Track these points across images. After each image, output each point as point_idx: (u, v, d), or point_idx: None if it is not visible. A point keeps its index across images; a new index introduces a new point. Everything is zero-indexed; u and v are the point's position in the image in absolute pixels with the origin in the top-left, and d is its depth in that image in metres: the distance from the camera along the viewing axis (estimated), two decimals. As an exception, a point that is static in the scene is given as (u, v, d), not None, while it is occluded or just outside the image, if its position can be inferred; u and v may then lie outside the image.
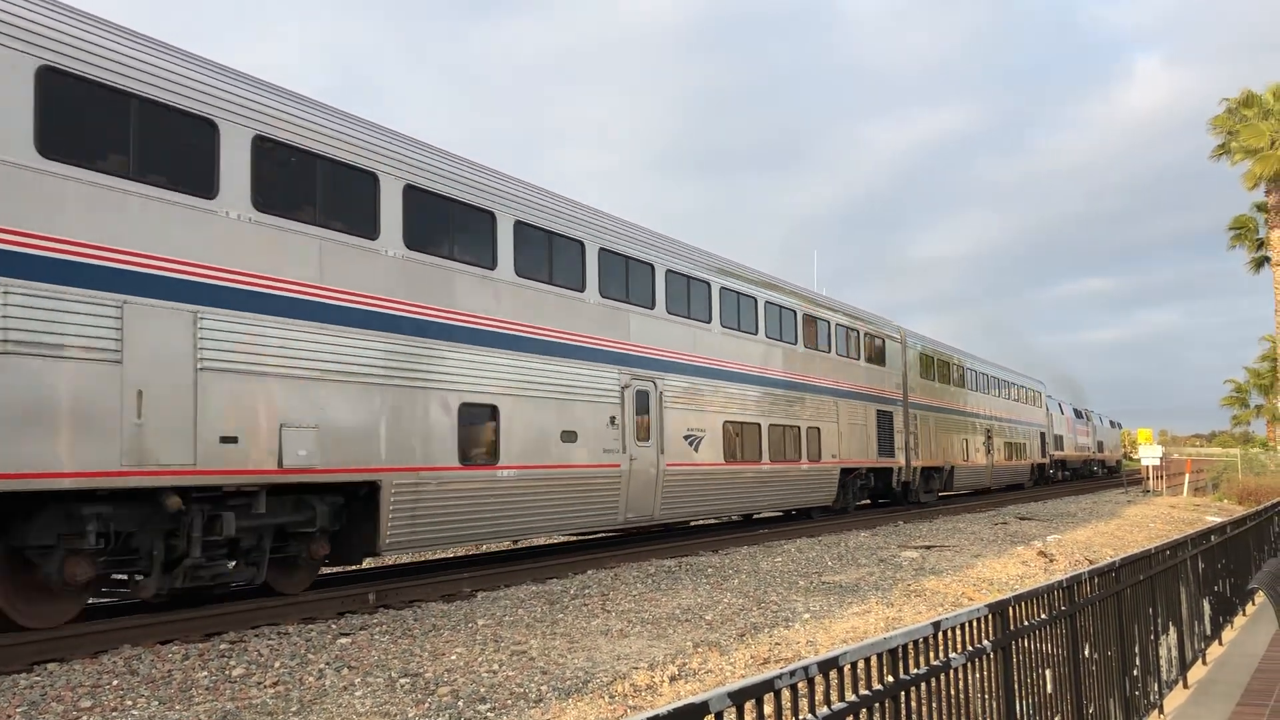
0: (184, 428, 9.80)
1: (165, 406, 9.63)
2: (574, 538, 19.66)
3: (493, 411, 13.84)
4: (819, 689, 3.15)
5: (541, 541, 19.42)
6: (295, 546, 11.48)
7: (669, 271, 18.26)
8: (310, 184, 11.50)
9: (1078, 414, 61.78)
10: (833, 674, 3.23)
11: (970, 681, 4.24)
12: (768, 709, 2.91)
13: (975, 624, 4.36)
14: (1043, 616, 5.19)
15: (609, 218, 17.19)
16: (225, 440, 10.17)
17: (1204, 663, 9.13)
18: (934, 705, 3.87)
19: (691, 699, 2.54)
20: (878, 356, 28.18)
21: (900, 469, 28.96)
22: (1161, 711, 7.33)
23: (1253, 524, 12.94)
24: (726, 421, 19.77)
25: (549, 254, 15.27)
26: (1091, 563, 16.70)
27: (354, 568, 15.05)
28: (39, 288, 8.77)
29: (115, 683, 7.86)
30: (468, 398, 13.38)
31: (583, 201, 16.61)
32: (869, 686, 3.43)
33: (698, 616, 10.87)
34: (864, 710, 3.36)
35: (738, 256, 21.42)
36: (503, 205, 14.26)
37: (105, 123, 9.62)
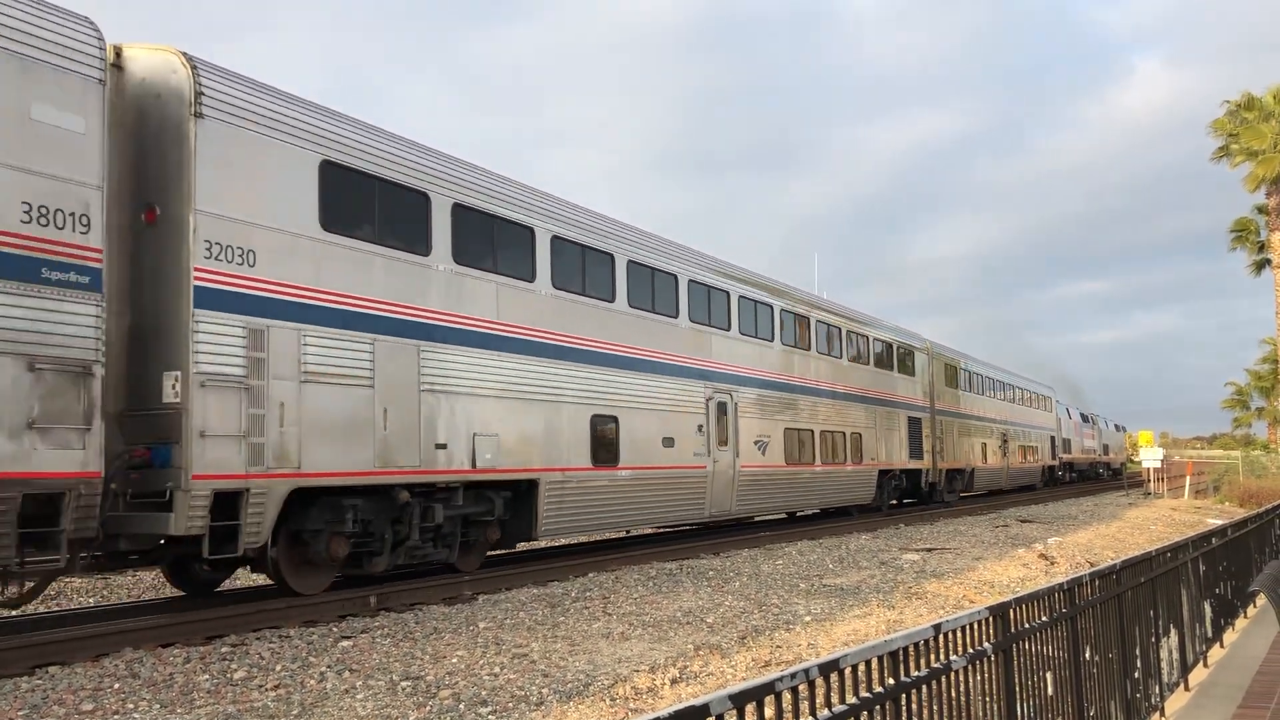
0: (412, 437, 12.60)
1: (400, 420, 12.42)
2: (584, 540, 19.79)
3: (615, 421, 16.64)
4: (820, 691, 3.16)
5: (547, 544, 19.44)
6: (475, 532, 14.20)
7: (741, 297, 21.19)
8: (490, 240, 14.37)
9: (1084, 418, 63.27)
10: (833, 676, 3.23)
11: (971, 684, 4.25)
12: (769, 711, 2.91)
13: (976, 626, 4.37)
14: (1043, 619, 5.19)
15: (694, 252, 20.18)
16: (439, 446, 13.02)
17: (1205, 665, 9.13)
18: (935, 708, 3.88)
19: (692, 701, 2.54)
20: (908, 368, 30.72)
21: (928, 471, 31.20)
22: (1163, 714, 7.34)
23: (1254, 526, 12.94)
24: (787, 428, 22.43)
25: (652, 287, 18.18)
26: (1092, 565, 16.70)
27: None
28: (325, 331, 11.61)
29: (117, 685, 7.86)
30: (597, 410, 16.17)
31: (671, 239, 19.60)
32: (870, 689, 3.44)
33: (699, 619, 10.88)
34: (865, 712, 3.37)
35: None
36: (619, 248, 17.23)
37: (360, 201, 12.48)
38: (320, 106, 12.26)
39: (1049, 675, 5.20)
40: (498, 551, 15.87)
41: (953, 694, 4.02)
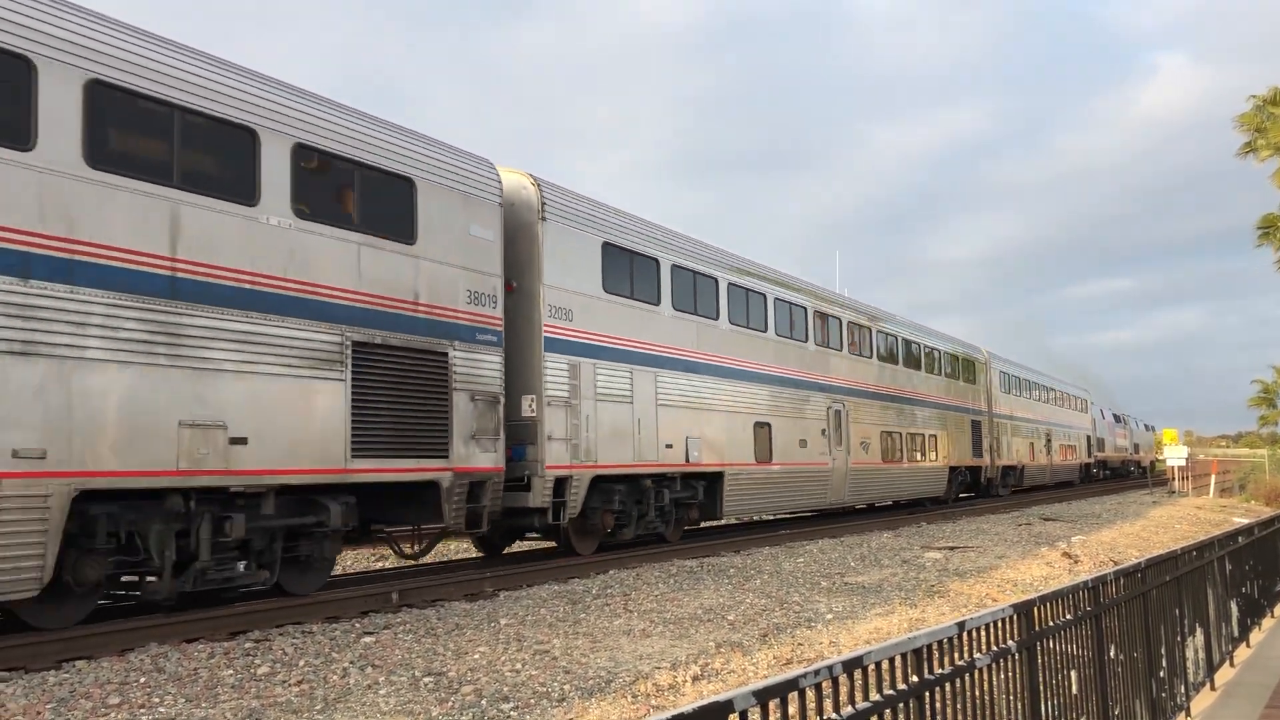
0: (651, 439, 17.17)
1: (646, 427, 17.08)
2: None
3: (769, 427, 21.20)
4: (843, 689, 3.15)
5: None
6: (680, 512, 18.44)
7: (849, 322, 25.99)
8: (692, 290, 19.05)
9: (1116, 419, 66.42)
10: (857, 674, 3.22)
11: (995, 682, 4.23)
12: (792, 708, 2.91)
13: (1000, 624, 4.35)
14: (1068, 617, 5.16)
15: (819, 287, 25.19)
16: (667, 446, 17.56)
17: (1231, 665, 9.06)
18: (958, 706, 3.86)
19: (716, 697, 2.54)
20: (970, 377, 35.28)
21: (986, 468, 35.68)
22: (1188, 714, 7.28)
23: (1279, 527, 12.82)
24: (882, 431, 27.05)
25: (790, 318, 22.90)
26: (1116, 564, 16.57)
27: (377, 567, 15.37)
28: (607, 364, 16.29)
29: (142, 680, 7.93)
30: (758, 418, 20.85)
31: (762, 262, 23.21)
32: (893, 686, 3.42)
33: (720, 617, 10.87)
34: (888, 710, 3.35)
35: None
36: (770, 289, 22.07)
37: (623, 270, 17.08)
38: (600, 203, 17.10)
39: (1073, 674, 5.16)
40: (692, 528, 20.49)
41: (976, 692, 4.00)
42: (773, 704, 2.78)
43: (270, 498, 10.75)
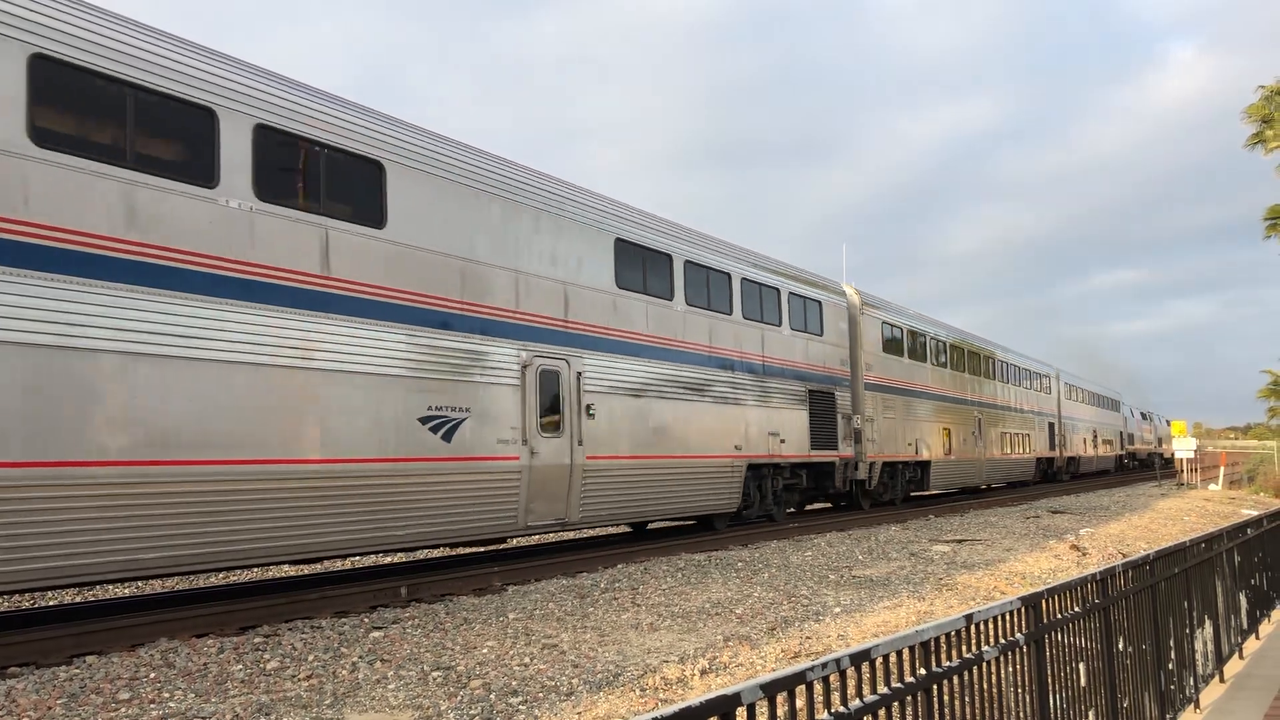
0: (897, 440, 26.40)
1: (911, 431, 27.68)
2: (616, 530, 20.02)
3: (948, 431, 31.38)
4: (850, 682, 3.15)
5: (573, 536, 19.54)
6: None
7: (950, 344, 32.28)
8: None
9: (1143, 416, 76.34)
10: (864, 666, 3.22)
11: (1003, 675, 4.22)
12: (799, 701, 2.91)
13: (1008, 617, 4.34)
14: (1076, 609, 5.15)
15: (945, 325, 32.39)
16: (908, 445, 27.60)
17: (1240, 657, 9.04)
18: (966, 698, 3.86)
19: (724, 690, 2.54)
20: (1046, 389, 44.82)
21: (1056, 459, 44.83)
22: (1198, 706, 7.27)
23: (1289, 517, 12.77)
24: (1000, 432, 36.07)
25: (967, 361, 33.17)
26: (1125, 556, 16.53)
27: (386, 561, 15.41)
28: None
29: (153, 675, 7.96)
30: (945, 423, 30.76)
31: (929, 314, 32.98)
32: (901, 679, 3.42)
33: (728, 610, 10.87)
34: (896, 703, 3.35)
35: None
36: (934, 330, 31.05)
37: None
38: (879, 298, 27.17)
39: (1081, 666, 5.16)
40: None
41: (985, 685, 4.00)
42: (780, 697, 2.78)
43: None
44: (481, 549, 18.02)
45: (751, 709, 2.61)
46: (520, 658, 8.56)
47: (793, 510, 24.04)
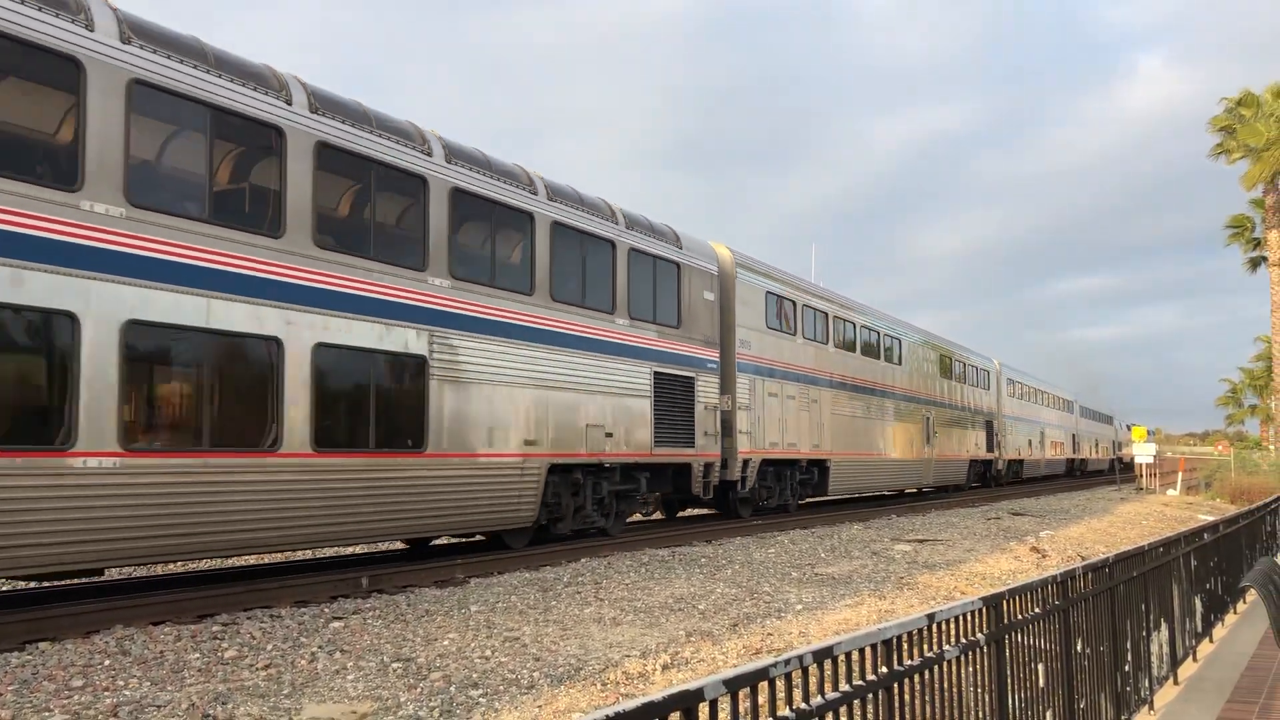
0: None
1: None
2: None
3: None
4: (813, 679, 3.15)
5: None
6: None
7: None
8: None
9: (1128, 427, 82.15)
10: (827, 664, 3.22)
11: (963, 674, 4.24)
12: (761, 698, 2.90)
13: (969, 617, 4.36)
14: (1036, 611, 5.19)
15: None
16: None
17: (1194, 659, 9.15)
18: (927, 697, 3.87)
19: (686, 685, 2.53)
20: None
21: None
22: (1152, 708, 7.35)
23: (1245, 523, 12.96)
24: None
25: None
26: (1084, 559, 16.68)
27: (348, 552, 15.30)
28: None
29: (107, 663, 7.85)
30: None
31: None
32: (863, 677, 3.43)
33: (690, 606, 10.89)
34: (857, 701, 3.36)
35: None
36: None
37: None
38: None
39: (1040, 667, 5.20)
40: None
41: (945, 684, 4.02)
42: (743, 693, 2.77)
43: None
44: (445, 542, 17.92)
45: (714, 705, 2.60)
46: (481, 650, 8.52)
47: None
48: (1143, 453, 40.48)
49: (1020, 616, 4.99)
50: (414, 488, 12.69)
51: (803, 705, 3.04)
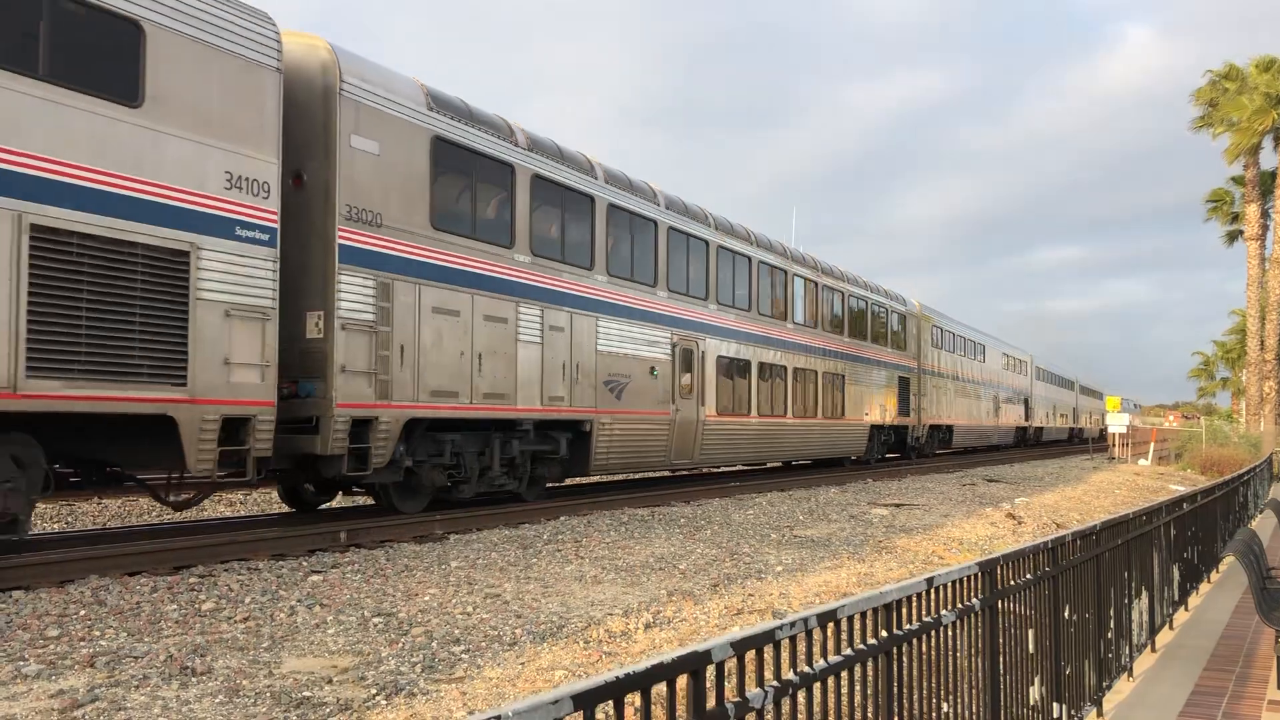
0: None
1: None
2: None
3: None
4: (816, 641, 3.10)
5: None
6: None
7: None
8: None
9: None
10: (830, 627, 3.17)
11: (958, 639, 4.22)
12: (767, 656, 2.85)
13: (966, 581, 4.33)
14: (1028, 577, 5.17)
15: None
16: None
17: (1171, 628, 9.23)
18: (923, 662, 3.84)
19: (695, 647, 2.47)
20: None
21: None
22: (1130, 674, 7.40)
23: (1220, 494, 13.07)
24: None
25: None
26: (1059, 526, 16.84)
27: (324, 507, 15.21)
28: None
29: (82, 613, 7.75)
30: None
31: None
32: (863, 640, 3.38)
33: (671, 565, 10.87)
34: (858, 664, 3.32)
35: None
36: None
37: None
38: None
39: (1030, 633, 5.19)
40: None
41: (941, 649, 3.99)
42: (749, 655, 2.72)
43: None
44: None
45: (721, 666, 2.54)
46: (463, 606, 8.47)
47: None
48: (1116, 423, 40.82)
49: (1013, 582, 4.97)
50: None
51: (806, 669, 2.99)
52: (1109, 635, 6.85)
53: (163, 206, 10.13)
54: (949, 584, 4.15)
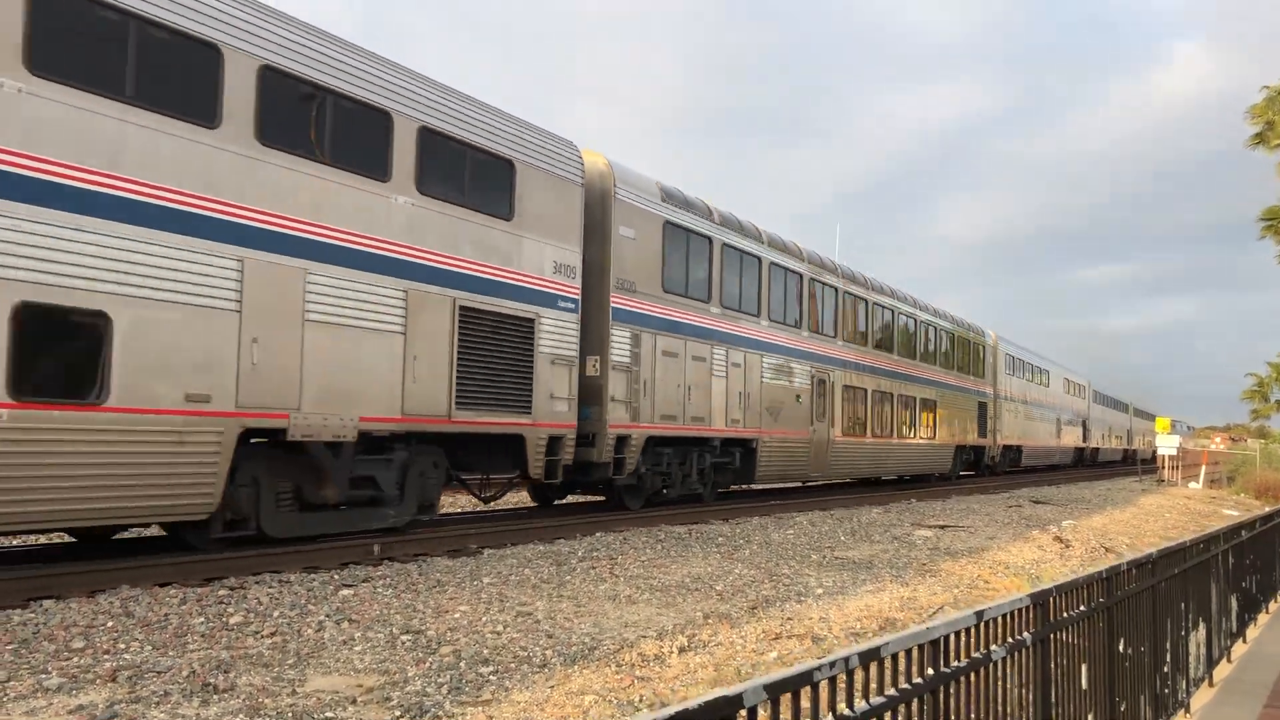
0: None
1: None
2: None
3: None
4: (858, 680, 2.87)
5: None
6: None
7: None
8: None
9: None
10: (873, 666, 2.94)
11: (1008, 675, 3.96)
12: (804, 703, 2.62)
13: (1017, 614, 4.08)
14: (1082, 609, 4.90)
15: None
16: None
17: (1229, 660, 8.86)
18: (972, 701, 3.59)
19: (724, 691, 2.26)
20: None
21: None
22: (1188, 711, 7.06)
23: (1280, 520, 12.60)
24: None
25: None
26: (1108, 550, 16.38)
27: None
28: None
29: (110, 624, 7.66)
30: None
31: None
32: (909, 679, 3.15)
33: (708, 586, 10.63)
34: (903, 705, 3.08)
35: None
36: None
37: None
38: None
39: (1084, 667, 4.91)
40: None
41: (991, 686, 3.74)
42: (784, 698, 2.50)
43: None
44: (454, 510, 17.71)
45: (753, 712, 2.32)
46: (493, 625, 8.29)
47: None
48: (1166, 444, 39.95)
49: (1066, 615, 4.70)
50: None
51: (846, 711, 2.76)
52: (1165, 669, 6.54)
53: (523, 289, 14.43)
54: (999, 617, 3.90)
